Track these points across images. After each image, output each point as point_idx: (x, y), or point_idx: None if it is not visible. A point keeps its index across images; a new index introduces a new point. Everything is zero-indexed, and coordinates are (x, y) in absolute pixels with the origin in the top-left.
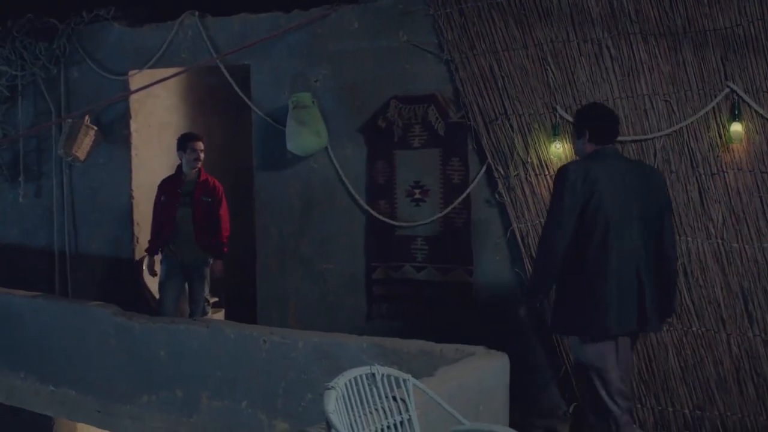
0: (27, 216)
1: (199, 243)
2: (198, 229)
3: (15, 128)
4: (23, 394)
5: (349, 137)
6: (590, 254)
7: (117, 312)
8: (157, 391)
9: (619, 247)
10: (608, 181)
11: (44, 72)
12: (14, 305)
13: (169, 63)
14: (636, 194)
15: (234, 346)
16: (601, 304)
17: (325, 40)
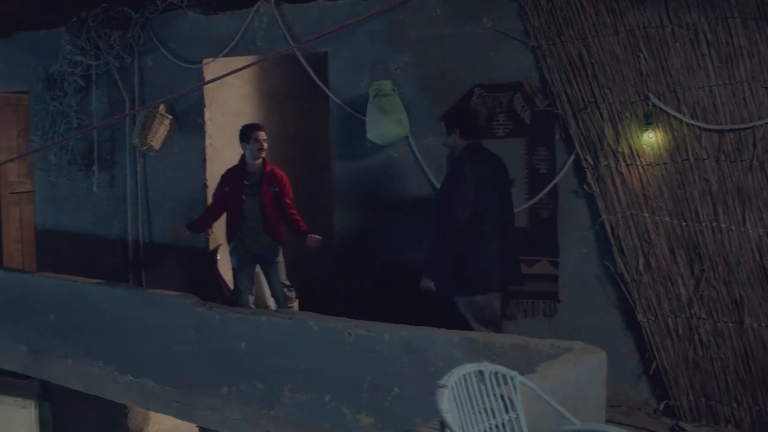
0: (101, 205)
1: (268, 232)
2: (267, 219)
3: (89, 118)
4: (102, 382)
5: (430, 126)
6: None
7: (196, 302)
8: (238, 382)
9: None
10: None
11: (118, 61)
12: (92, 294)
13: (244, 51)
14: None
15: (318, 339)
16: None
17: (407, 26)
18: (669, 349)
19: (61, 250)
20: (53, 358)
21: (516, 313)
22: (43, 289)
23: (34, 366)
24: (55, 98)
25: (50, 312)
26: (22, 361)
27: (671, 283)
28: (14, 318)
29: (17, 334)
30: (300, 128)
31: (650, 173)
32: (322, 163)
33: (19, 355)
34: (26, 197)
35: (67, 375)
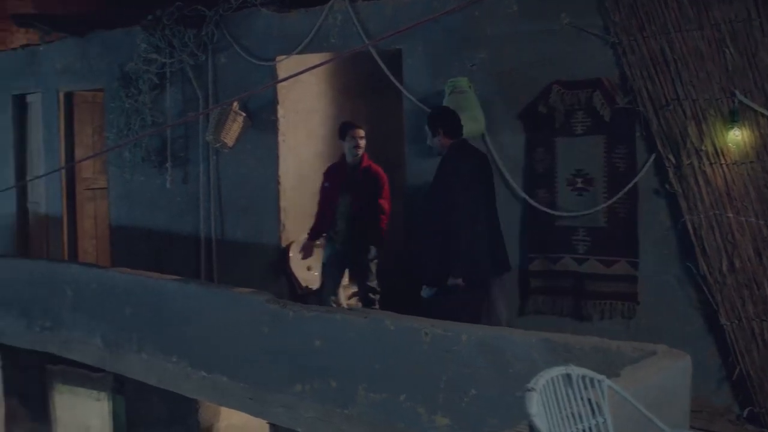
0: (174, 202)
1: (358, 231)
2: (357, 217)
3: (163, 115)
4: (175, 377)
5: (506, 123)
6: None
7: (270, 299)
8: (311, 380)
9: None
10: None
11: (192, 59)
12: (167, 290)
13: (317, 48)
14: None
15: (393, 338)
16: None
17: (482, 23)
18: (753, 353)
19: (134, 246)
20: (128, 352)
21: (593, 315)
22: (119, 285)
23: (109, 359)
24: (130, 96)
25: (125, 307)
26: (97, 355)
27: (756, 286)
28: (90, 312)
29: (93, 328)
30: (372, 126)
31: (735, 172)
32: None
33: (95, 349)
34: (101, 193)
35: (141, 369)
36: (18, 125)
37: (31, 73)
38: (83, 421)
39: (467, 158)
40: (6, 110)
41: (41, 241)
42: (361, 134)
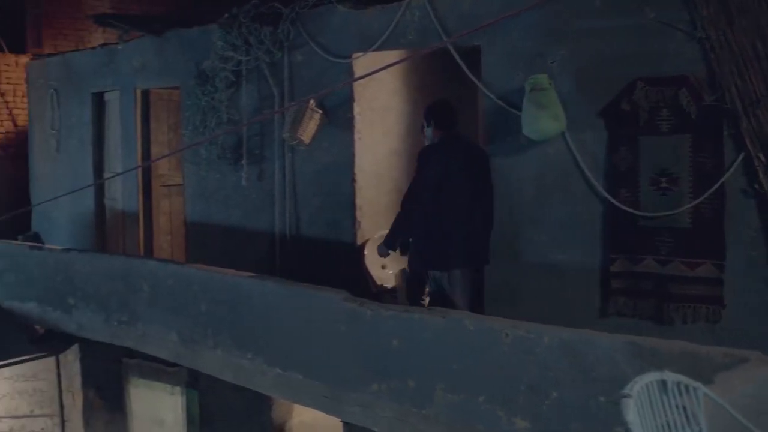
0: (249, 199)
1: None
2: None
3: (239, 112)
4: (250, 374)
5: (587, 121)
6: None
7: (347, 298)
8: (388, 380)
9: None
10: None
11: (268, 56)
12: (243, 287)
13: (394, 45)
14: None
15: (473, 339)
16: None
17: (564, 18)
18: None
19: (209, 242)
20: (204, 348)
21: (675, 318)
22: (195, 281)
23: (185, 355)
24: (207, 93)
25: (201, 303)
26: (173, 350)
27: None
28: (167, 307)
29: (169, 323)
30: None
31: None
32: None
33: (170, 344)
34: (176, 190)
35: (216, 365)
36: (96, 122)
37: (109, 71)
38: (157, 415)
39: (449, 148)
40: (85, 108)
41: (118, 236)
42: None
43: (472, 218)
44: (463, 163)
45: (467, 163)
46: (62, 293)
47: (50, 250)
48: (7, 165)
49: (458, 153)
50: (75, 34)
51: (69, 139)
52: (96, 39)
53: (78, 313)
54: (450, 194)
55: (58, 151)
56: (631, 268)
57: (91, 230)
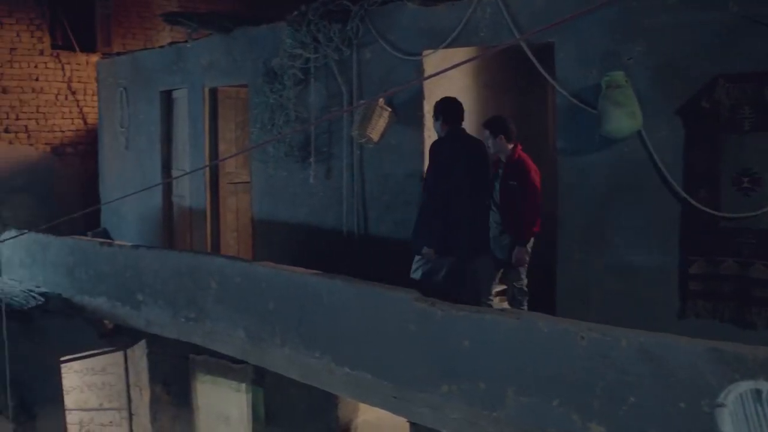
0: (316, 196)
1: (504, 226)
2: (501, 213)
3: (307, 110)
4: (318, 373)
5: (665, 119)
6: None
7: (418, 298)
8: (459, 381)
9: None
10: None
11: (337, 54)
12: (311, 285)
13: (465, 42)
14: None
15: (547, 341)
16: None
17: (640, 14)
18: None
19: (276, 240)
20: (271, 346)
21: (757, 322)
22: (263, 278)
23: (252, 352)
24: (275, 91)
25: (269, 300)
26: (240, 347)
27: None
28: (234, 304)
29: (237, 321)
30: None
31: None
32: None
33: (238, 341)
34: (242, 187)
35: (284, 363)
36: (164, 120)
37: (178, 69)
38: (223, 411)
39: (456, 142)
40: (154, 105)
41: (185, 233)
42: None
43: (475, 208)
44: (467, 155)
45: (470, 156)
46: (131, 289)
47: (120, 247)
48: (77, 162)
49: (463, 146)
50: (143, 33)
51: (137, 137)
52: (163, 38)
53: (146, 309)
54: (456, 184)
55: (127, 148)
56: (710, 270)
57: (159, 227)
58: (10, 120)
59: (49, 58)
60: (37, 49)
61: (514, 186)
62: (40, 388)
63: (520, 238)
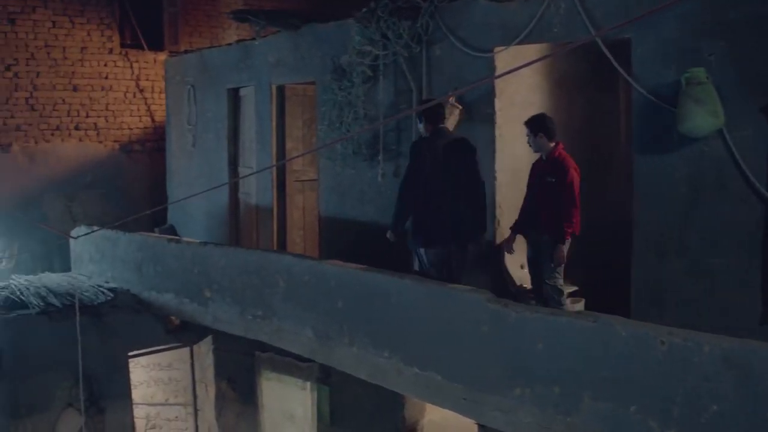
0: (384, 195)
1: (543, 224)
2: (540, 210)
3: (375, 108)
4: (386, 373)
5: (748, 117)
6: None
7: (491, 299)
8: (532, 384)
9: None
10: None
11: (406, 51)
12: (380, 284)
13: (538, 38)
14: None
15: (624, 345)
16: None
17: (722, 8)
18: None
19: (342, 238)
20: (339, 345)
21: None
22: (332, 277)
23: (320, 351)
24: (343, 88)
25: (337, 299)
26: (308, 346)
27: None
28: (302, 303)
29: (304, 319)
30: (588, 120)
31: None
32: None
33: (305, 340)
34: (309, 185)
35: (352, 363)
36: (231, 117)
37: (245, 67)
38: (288, 409)
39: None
40: (221, 103)
41: (251, 231)
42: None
43: (455, 201)
44: (448, 153)
45: (451, 153)
46: (199, 286)
47: (187, 243)
48: (145, 159)
49: (443, 145)
50: (209, 31)
51: (205, 134)
52: (229, 36)
53: (214, 306)
54: (434, 180)
55: (194, 145)
56: None
57: (225, 224)
58: (81, 117)
59: (118, 57)
60: (106, 48)
61: (552, 183)
62: (109, 382)
63: (559, 236)
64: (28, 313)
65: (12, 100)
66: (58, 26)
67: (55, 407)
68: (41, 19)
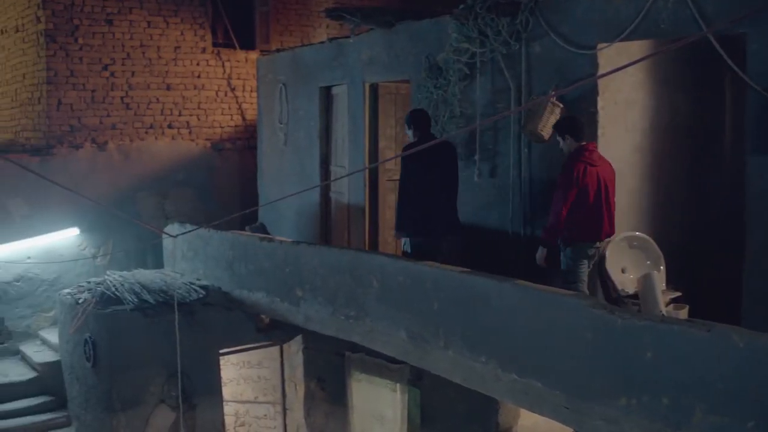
0: (481, 195)
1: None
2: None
3: (471, 106)
4: (483, 378)
5: None
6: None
7: (596, 304)
8: (639, 395)
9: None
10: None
11: (505, 48)
12: (479, 287)
13: (643, 35)
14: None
15: (742, 357)
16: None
17: None
18: None
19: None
20: (434, 348)
21: None
22: (428, 278)
23: (413, 353)
24: (439, 87)
25: (433, 301)
26: (401, 347)
27: None
28: (396, 304)
29: (398, 320)
30: (692, 119)
31: None
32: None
33: (398, 341)
34: None
35: (447, 366)
36: (324, 116)
37: (338, 65)
38: (378, 410)
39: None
40: (313, 101)
41: (342, 230)
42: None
43: (441, 198)
44: (435, 156)
45: (438, 157)
46: (290, 285)
47: (280, 242)
48: (235, 157)
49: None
50: (300, 30)
51: (296, 133)
52: (320, 34)
53: (306, 305)
54: (423, 180)
55: (285, 144)
56: None
57: (316, 223)
58: (174, 116)
59: (210, 56)
60: (199, 47)
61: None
62: (201, 379)
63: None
64: (123, 309)
65: (108, 99)
66: (153, 26)
67: (149, 403)
68: (137, 19)
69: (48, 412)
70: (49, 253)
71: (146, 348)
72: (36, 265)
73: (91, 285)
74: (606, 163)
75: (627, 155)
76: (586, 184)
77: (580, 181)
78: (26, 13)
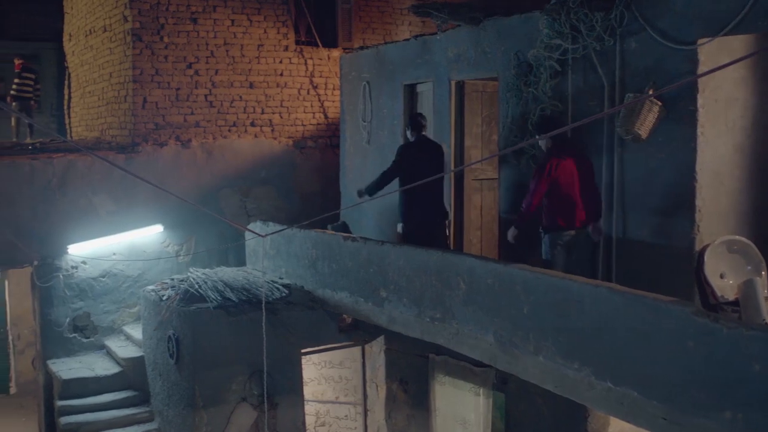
0: None
1: None
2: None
3: (562, 104)
4: (575, 385)
5: None
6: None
7: (698, 312)
8: (745, 409)
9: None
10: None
11: (598, 44)
12: (573, 291)
13: (748, 29)
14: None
15: None
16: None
17: None
18: None
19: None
20: (524, 353)
21: None
22: (518, 281)
23: (501, 358)
24: (529, 84)
25: (524, 305)
26: (489, 351)
27: None
28: (484, 307)
29: (486, 324)
30: None
31: None
32: None
33: (486, 345)
34: (487, 184)
35: (537, 372)
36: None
37: (423, 62)
38: (461, 414)
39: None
40: (397, 99)
41: None
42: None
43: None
44: (427, 155)
45: (430, 156)
46: (375, 285)
47: (364, 242)
48: (317, 155)
49: (424, 149)
50: (382, 27)
51: (380, 131)
52: (402, 32)
53: (390, 306)
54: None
55: (368, 142)
56: None
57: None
58: (256, 114)
59: (293, 54)
60: (282, 45)
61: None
62: (282, 378)
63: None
64: (206, 306)
65: (192, 98)
66: (237, 24)
67: (231, 400)
68: (221, 17)
69: (132, 406)
70: (133, 250)
71: (229, 346)
72: (121, 261)
73: (174, 282)
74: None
75: (727, 155)
76: (558, 177)
77: (552, 173)
78: (114, 12)
